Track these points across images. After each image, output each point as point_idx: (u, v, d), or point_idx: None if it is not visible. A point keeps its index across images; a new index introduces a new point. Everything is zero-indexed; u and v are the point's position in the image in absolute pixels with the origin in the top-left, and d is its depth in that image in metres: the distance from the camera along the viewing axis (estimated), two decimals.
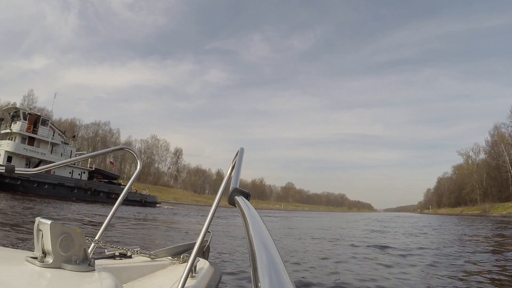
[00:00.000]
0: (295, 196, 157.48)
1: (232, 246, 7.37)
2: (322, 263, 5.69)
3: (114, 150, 1.83)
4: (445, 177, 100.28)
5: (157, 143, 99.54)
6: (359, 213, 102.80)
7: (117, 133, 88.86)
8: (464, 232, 14.70)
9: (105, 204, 26.68)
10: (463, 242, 10.28)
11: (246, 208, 0.67)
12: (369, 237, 11.56)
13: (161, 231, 10.65)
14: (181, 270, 1.25)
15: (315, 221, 26.34)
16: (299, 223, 21.35)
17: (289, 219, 28.35)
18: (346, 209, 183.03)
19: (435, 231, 15.33)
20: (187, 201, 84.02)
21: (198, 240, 1.18)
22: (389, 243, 9.18)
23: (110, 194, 31.07)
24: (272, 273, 0.38)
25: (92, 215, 13.56)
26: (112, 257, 1.48)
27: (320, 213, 77.69)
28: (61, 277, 0.81)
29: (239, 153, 1.23)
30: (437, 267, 5.58)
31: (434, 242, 9.96)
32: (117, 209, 1.51)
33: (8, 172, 1.34)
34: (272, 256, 0.42)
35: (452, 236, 12.47)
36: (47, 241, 0.84)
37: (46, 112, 45.49)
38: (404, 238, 11.47)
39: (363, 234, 12.80)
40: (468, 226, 20.08)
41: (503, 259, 6.70)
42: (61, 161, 1.66)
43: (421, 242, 9.82)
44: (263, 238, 0.49)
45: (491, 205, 60.85)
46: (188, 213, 26.44)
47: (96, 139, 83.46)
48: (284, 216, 34.50)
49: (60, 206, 17.83)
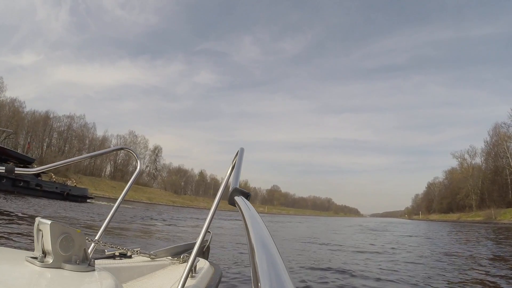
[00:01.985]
0: (280, 199, 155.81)
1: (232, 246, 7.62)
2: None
3: (114, 150, 1.88)
4: (435, 182, 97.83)
5: (135, 140, 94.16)
6: (346, 218, 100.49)
7: (93, 128, 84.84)
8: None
9: (9, 193, 22.52)
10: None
11: (246, 208, 0.67)
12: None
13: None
14: (181, 270, 1.26)
15: (294, 228, 22.20)
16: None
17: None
18: (332, 214, 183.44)
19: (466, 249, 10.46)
20: (162, 201, 79.75)
21: (198, 240, 1.19)
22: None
23: (17, 182, 25.53)
24: (272, 273, 0.37)
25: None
26: (112, 257, 1.49)
27: (305, 217, 72.99)
28: (61, 277, 0.82)
29: (239, 153, 1.24)
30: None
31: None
32: (117, 209, 1.51)
33: (8, 172, 1.34)
34: (272, 256, 0.42)
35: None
36: (47, 241, 0.85)
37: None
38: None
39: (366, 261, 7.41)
40: (498, 240, 15.51)
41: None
42: (61, 161, 1.62)
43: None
44: (263, 238, 0.49)
45: (496, 211, 57.56)
46: (126, 215, 18.74)
47: (68, 133, 79.60)
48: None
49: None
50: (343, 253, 8.56)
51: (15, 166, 1.43)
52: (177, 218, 21.63)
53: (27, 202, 18.18)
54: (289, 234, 15.10)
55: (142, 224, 14.26)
